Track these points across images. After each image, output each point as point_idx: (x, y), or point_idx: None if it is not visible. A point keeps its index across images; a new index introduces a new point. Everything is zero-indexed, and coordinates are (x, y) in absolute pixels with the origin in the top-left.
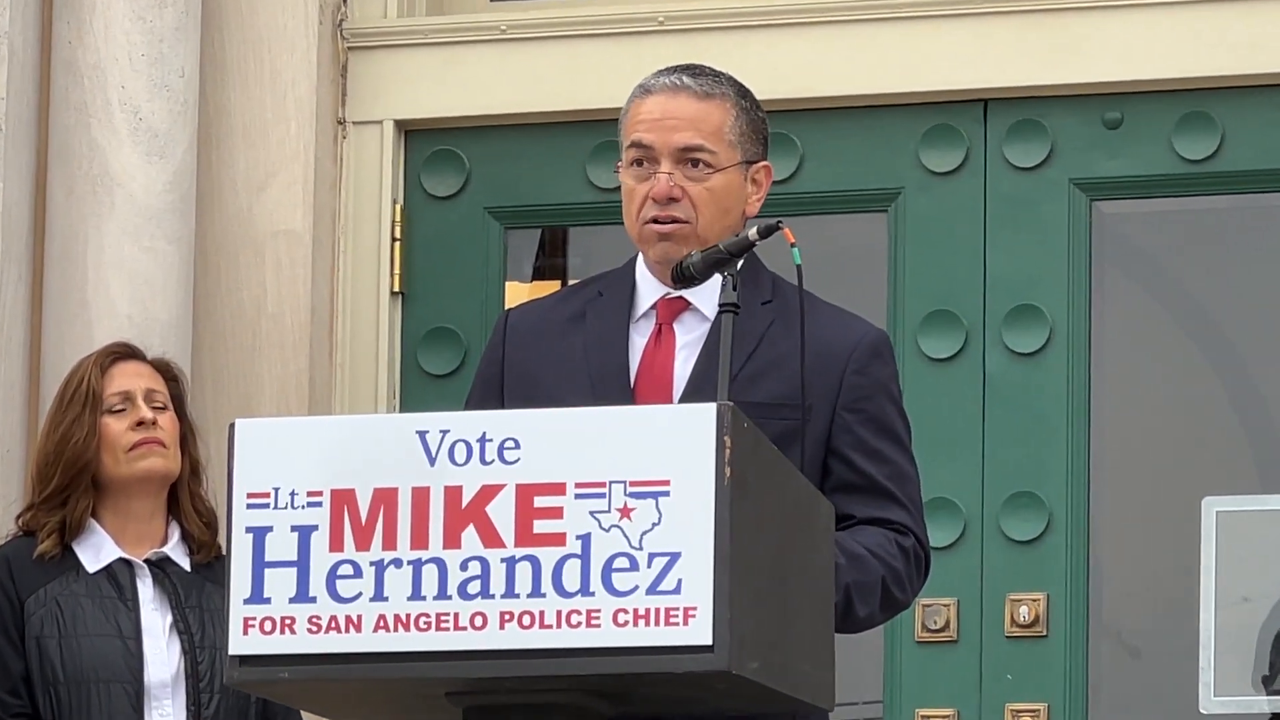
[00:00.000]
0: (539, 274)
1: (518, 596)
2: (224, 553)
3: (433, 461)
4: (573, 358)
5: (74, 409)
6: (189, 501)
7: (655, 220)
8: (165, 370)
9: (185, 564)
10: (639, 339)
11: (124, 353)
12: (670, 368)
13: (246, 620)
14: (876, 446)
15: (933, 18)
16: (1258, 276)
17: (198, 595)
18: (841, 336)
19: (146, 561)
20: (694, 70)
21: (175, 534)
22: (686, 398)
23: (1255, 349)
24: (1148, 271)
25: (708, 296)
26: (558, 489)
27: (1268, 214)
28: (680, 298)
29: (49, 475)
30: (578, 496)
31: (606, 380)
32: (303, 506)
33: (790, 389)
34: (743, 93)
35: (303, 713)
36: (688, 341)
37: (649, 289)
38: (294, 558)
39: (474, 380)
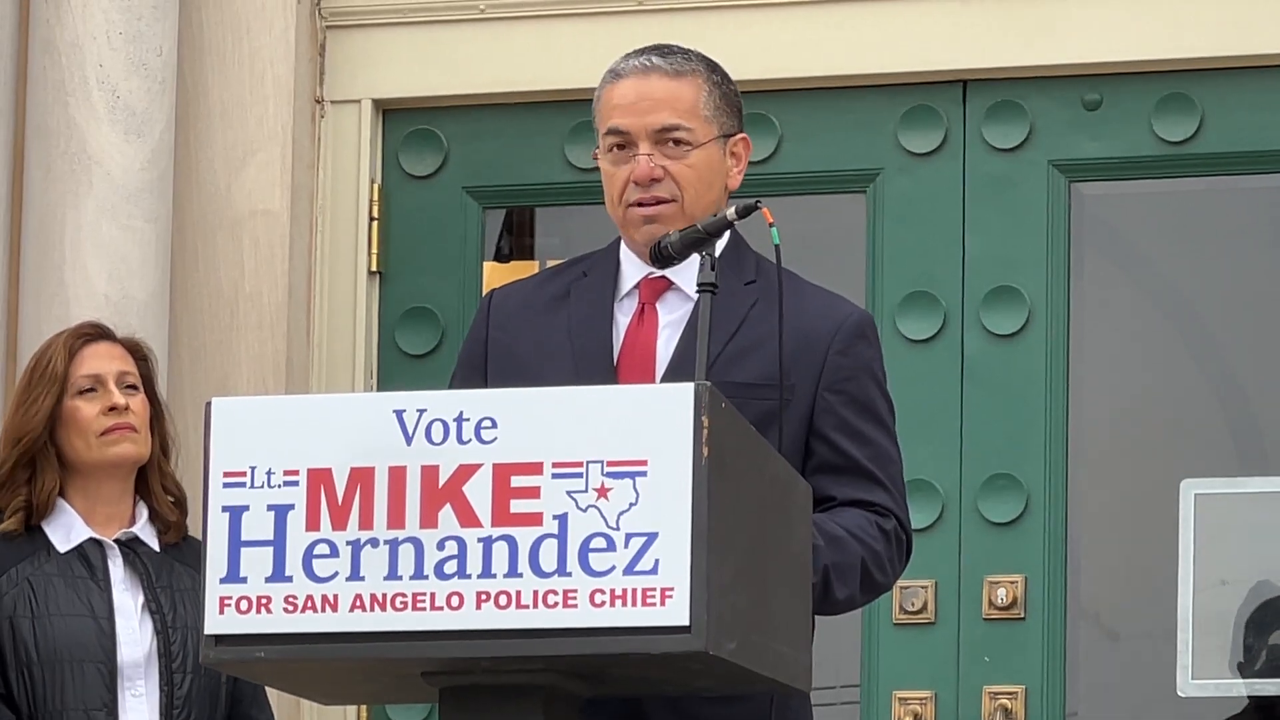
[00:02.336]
0: (500, 254)
1: (494, 576)
2: (190, 533)
3: (409, 441)
4: (556, 337)
5: (36, 390)
6: (158, 482)
7: (639, 204)
8: (135, 350)
9: (154, 544)
10: (622, 319)
11: (94, 333)
12: (653, 347)
13: (222, 599)
14: (859, 428)
15: None
16: (1237, 258)
17: (168, 575)
18: (826, 317)
19: (116, 541)
20: (662, 50)
21: (144, 514)
22: (668, 377)
23: (1234, 331)
24: (1127, 253)
25: (691, 276)
26: (535, 469)
27: (1247, 196)
28: (663, 277)
29: (9, 455)
30: (555, 476)
31: (590, 360)
32: (279, 486)
33: (772, 369)
34: (712, 67)
35: (275, 691)
36: (670, 321)
37: (632, 269)
38: (270, 537)
39: (457, 361)
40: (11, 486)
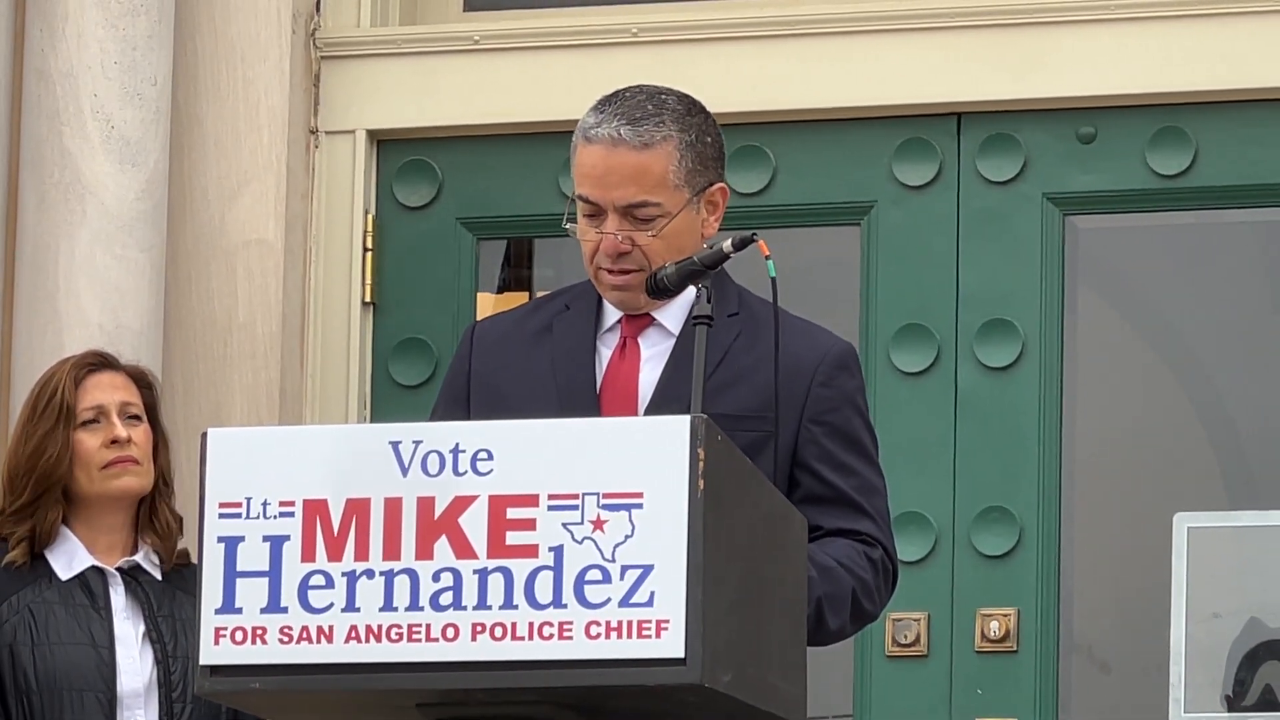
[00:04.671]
0: (504, 285)
1: (490, 608)
2: (192, 561)
3: (405, 472)
4: (539, 370)
5: (46, 422)
6: (160, 510)
7: (609, 270)
8: (140, 379)
9: (156, 572)
10: (605, 351)
11: (97, 363)
12: (635, 380)
13: (217, 630)
14: (843, 459)
15: (906, 31)
16: (1230, 292)
17: (169, 604)
18: (808, 349)
19: (118, 570)
20: (632, 115)
21: (145, 542)
22: (651, 410)
23: (1227, 365)
24: (1120, 286)
25: (671, 311)
26: (530, 500)
27: (1240, 230)
28: (645, 313)
29: (20, 487)
30: (550, 508)
31: (573, 393)
32: (274, 516)
33: (756, 401)
34: (686, 125)
35: None
36: (652, 355)
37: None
38: (266, 568)
39: (440, 391)
40: (17, 517)
